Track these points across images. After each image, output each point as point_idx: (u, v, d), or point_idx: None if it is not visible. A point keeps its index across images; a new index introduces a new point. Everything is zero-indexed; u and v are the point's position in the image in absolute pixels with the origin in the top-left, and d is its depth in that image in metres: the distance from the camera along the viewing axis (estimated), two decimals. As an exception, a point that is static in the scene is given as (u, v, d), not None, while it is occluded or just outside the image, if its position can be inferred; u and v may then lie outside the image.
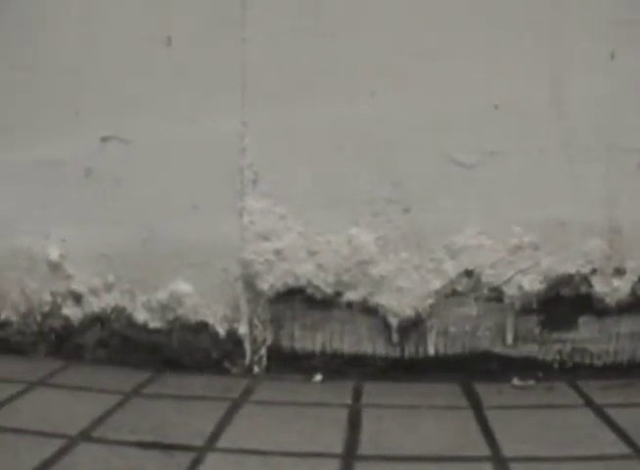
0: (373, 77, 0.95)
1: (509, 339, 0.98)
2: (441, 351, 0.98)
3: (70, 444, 0.80)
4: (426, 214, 0.96)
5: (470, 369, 0.98)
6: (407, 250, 0.96)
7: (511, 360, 0.98)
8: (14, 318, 1.11)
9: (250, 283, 0.99)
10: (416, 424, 0.84)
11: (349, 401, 0.92)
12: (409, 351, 0.98)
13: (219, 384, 0.99)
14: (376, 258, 0.96)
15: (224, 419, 0.86)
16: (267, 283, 0.98)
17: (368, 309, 0.98)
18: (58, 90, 1.05)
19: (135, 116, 1.02)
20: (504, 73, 0.95)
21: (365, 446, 0.78)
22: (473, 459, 0.75)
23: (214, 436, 0.81)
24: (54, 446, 0.79)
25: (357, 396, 0.94)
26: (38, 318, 1.09)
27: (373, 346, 0.99)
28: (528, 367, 0.98)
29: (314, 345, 1.00)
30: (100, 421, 0.86)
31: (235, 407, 0.90)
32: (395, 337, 0.98)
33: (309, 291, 0.98)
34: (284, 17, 0.97)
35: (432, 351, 0.98)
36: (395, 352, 0.99)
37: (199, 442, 0.80)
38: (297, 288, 0.98)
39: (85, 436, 0.82)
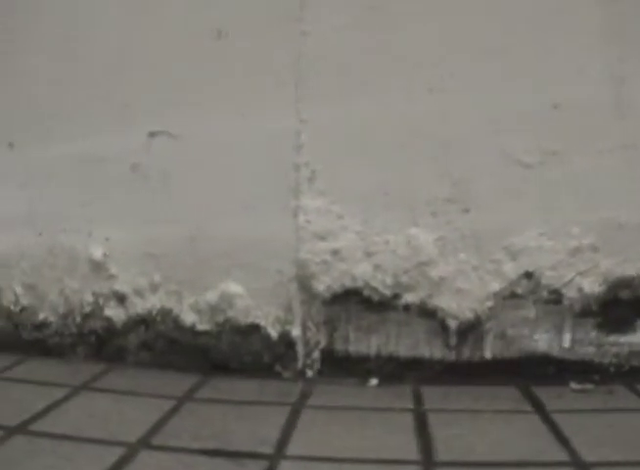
0: (433, 75, 0.93)
1: (566, 342, 0.97)
2: (498, 354, 0.96)
3: (131, 452, 0.77)
4: (485, 215, 0.94)
5: (526, 373, 0.96)
6: (466, 251, 0.94)
7: (567, 364, 0.96)
8: (52, 319, 1.07)
9: (304, 284, 0.96)
10: (485, 429, 0.82)
11: (411, 406, 0.89)
12: (466, 354, 0.96)
13: (272, 388, 0.96)
14: (435, 260, 0.94)
15: (288, 425, 0.83)
16: (323, 284, 0.95)
17: (426, 312, 0.95)
18: (104, 83, 1.02)
19: (185, 110, 0.99)
20: (565, 73, 0.93)
21: (441, 452, 0.76)
22: (553, 464, 0.73)
23: (282, 443, 0.78)
24: (114, 454, 0.76)
25: (418, 400, 0.91)
26: (78, 319, 1.05)
27: (430, 349, 0.96)
28: (585, 371, 0.96)
29: (369, 348, 0.97)
30: (157, 427, 0.83)
31: (295, 412, 0.87)
32: (453, 340, 0.96)
33: (366, 292, 0.95)
34: (343, 11, 0.94)
35: (488, 354, 0.96)
36: (452, 356, 0.96)
37: (267, 449, 0.77)
38: (353, 289, 0.95)
39: (145, 443, 0.79)
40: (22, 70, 1.07)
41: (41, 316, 1.08)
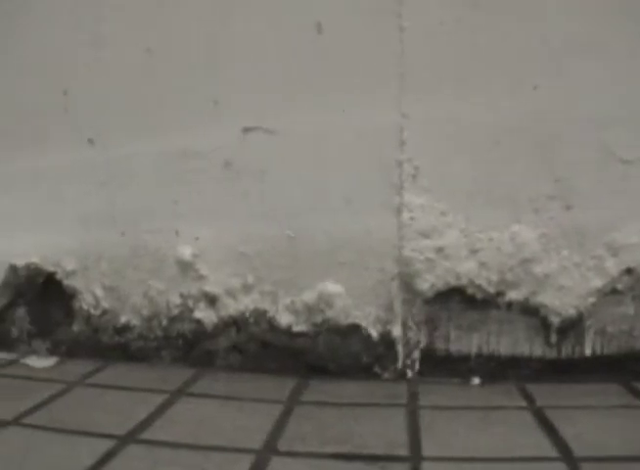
0: (534, 71, 0.92)
1: (664, 338, 0.97)
2: (598, 351, 0.96)
3: (262, 458, 0.74)
4: (587, 211, 0.93)
5: (625, 369, 0.96)
6: (568, 247, 0.94)
7: (665, 360, 0.98)
8: (135, 322, 1.03)
9: (407, 283, 0.94)
10: (607, 424, 0.81)
11: (525, 404, 0.88)
12: (566, 351, 0.96)
13: (377, 389, 0.93)
14: (539, 256, 0.93)
15: (411, 426, 0.81)
16: (427, 282, 0.93)
17: (528, 309, 0.94)
18: (193, 77, 0.98)
19: (281, 105, 0.96)
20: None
21: (577, 449, 0.74)
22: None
23: (414, 444, 0.76)
24: (244, 462, 0.73)
25: (528, 398, 0.90)
26: (164, 322, 1.01)
27: (530, 347, 0.95)
28: (681, 366, 0.98)
29: (470, 347, 0.96)
30: (277, 432, 0.80)
31: (412, 413, 0.85)
32: (554, 337, 0.95)
33: (470, 290, 0.94)
34: (442, 6, 0.93)
35: (588, 351, 0.96)
36: (552, 353, 0.95)
37: (403, 451, 0.75)
38: (457, 287, 0.94)
39: (272, 449, 0.76)
40: (103, 62, 1.02)
41: (123, 319, 1.04)
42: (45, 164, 1.05)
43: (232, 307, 0.98)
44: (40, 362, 1.04)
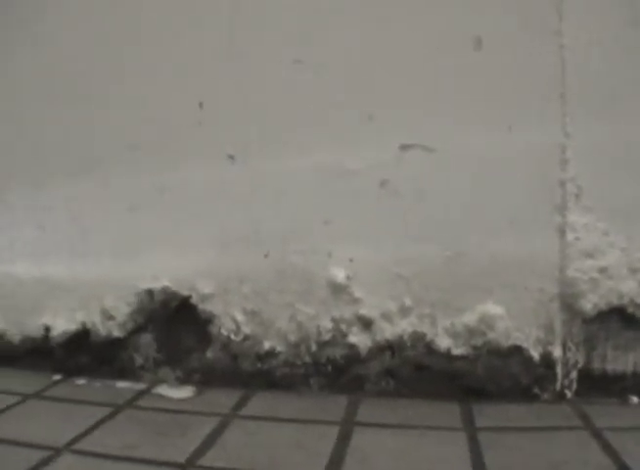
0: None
1: None
2: None
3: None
4: None
5: None
6: None
7: None
8: (280, 349, 0.97)
9: (568, 303, 0.93)
10: None
11: (699, 423, 0.90)
12: None
13: (544, 411, 0.91)
14: (694, 275, 0.95)
15: (608, 449, 0.80)
16: (590, 303, 0.93)
17: (681, 327, 0.96)
18: (347, 89, 0.95)
19: (439, 122, 0.93)
20: None
21: None
22: None
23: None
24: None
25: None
26: (313, 348, 0.96)
27: (680, 364, 0.97)
28: None
29: (626, 365, 0.96)
30: (479, 463, 0.77)
31: (597, 436, 0.84)
32: (703, 354, 0.97)
33: (630, 310, 0.94)
34: (602, 25, 0.93)
35: None
36: (702, 370, 0.98)
37: (622, 479, 0.74)
38: (617, 307, 0.94)
39: (486, 481, 0.74)
40: (245, 74, 0.97)
41: (267, 345, 0.98)
42: (178, 180, 0.99)
43: (388, 331, 0.95)
44: (176, 393, 0.97)
